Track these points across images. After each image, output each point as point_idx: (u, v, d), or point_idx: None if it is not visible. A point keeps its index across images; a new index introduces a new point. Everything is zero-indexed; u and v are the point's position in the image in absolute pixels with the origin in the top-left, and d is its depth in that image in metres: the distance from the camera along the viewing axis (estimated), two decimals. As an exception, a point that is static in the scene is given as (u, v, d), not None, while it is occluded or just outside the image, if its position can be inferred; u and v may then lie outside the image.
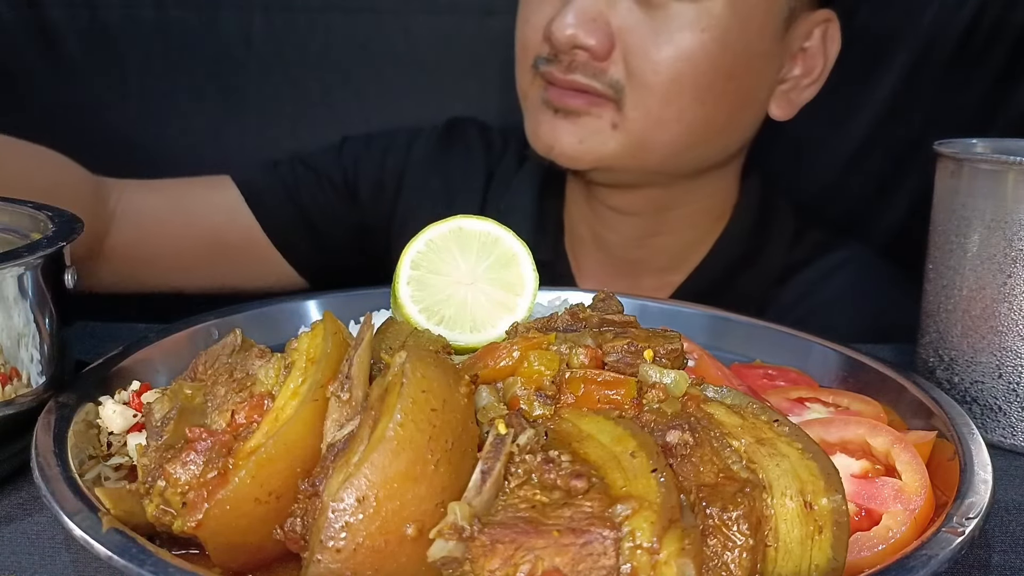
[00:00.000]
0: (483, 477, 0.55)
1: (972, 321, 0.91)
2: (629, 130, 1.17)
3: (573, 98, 1.17)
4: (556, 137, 1.20)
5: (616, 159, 1.20)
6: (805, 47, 1.24)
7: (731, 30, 1.14)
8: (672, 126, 1.17)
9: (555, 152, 1.21)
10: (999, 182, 0.88)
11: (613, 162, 1.20)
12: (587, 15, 1.13)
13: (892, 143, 1.60)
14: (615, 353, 0.69)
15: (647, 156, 1.20)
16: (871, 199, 1.64)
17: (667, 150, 1.20)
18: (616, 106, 1.16)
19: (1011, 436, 0.90)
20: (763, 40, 1.18)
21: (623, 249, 1.36)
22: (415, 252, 0.84)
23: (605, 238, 1.36)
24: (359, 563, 0.53)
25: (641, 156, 1.20)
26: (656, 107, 1.15)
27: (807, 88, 1.26)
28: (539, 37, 1.19)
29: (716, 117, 1.19)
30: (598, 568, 0.51)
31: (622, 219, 1.33)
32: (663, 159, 1.21)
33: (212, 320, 0.93)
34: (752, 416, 0.65)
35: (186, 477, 0.60)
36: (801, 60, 1.24)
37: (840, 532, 0.58)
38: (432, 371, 0.58)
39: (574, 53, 1.14)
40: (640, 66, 1.14)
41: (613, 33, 1.13)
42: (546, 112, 1.20)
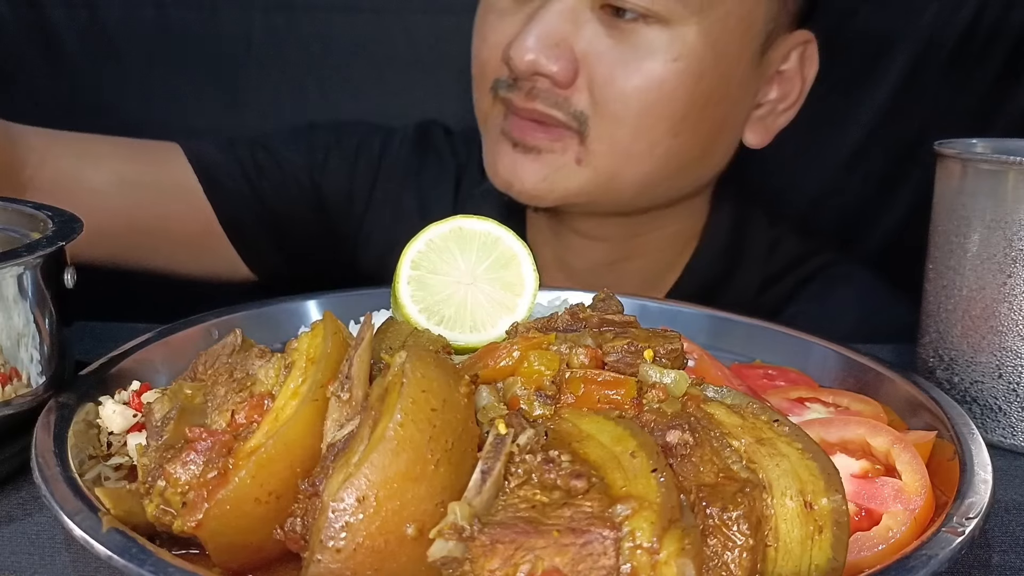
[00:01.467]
0: (483, 477, 0.55)
1: (972, 321, 0.91)
2: (595, 165, 1.09)
3: (533, 132, 1.09)
4: (515, 174, 1.12)
5: (582, 196, 1.12)
6: (782, 70, 1.17)
7: (706, 58, 1.06)
8: (643, 160, 1.10)
9: (515, 190, 1.13)
10: (999, 182, 0.88)
11: (579, 199, 1.13)
12: (550, 39, 1.04)
13: (892, 143, 1.60)
14: (615, 353, 0.69)
15: (617, 192, 1.13)
16: (871, 199, 1.65)
17: (638, 185, 1.13)
18: (580, 138, 1.08)
19: (1011, 436, 0.90)
20: (740, 66, 1.11)
21: (590, 274, 1.29)
22: (415, 252, 0.84)
23: (570, 263, 1.29)
24: (359, 563, 0.53)
25: (610, 192, 1.13)
26: (625, 140, 1.08)
27: (783, 113, 1.20)
28: (498, 57, 1.10)
29: (690, 149, 1.12)
30: (598, 568, 0.51)
31: (589, 244, 1.26)
32: (634, 194, 1.14)
33: (212, 320, 0.93)
34: (752, 416, 0.65)
35: (186, 477, 0.60)
36: (777, 83, 1.18)
37: (840, 532, 0.58)
38: (432, 371, 0.58)
39: (535, 79, 1.06)
40: (607, 96, 1.06)
41: (577, 59, 1.05)
42: (505, 144, 1.12)
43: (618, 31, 1.05)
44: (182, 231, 1.27)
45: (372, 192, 1.36)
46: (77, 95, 1.59)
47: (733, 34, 1.08)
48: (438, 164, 1.39)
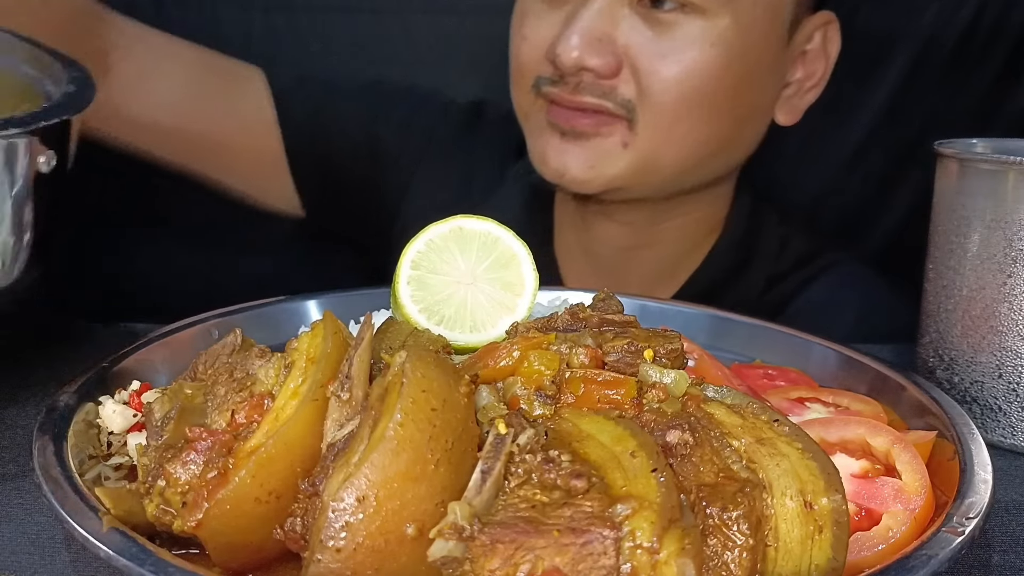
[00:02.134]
0: (483, 477, 0.55)
1: (972, 321, 0.91)
2: (639, 148, 1.14)
3: (582, 119, 1.14)
4: (566, 163, 1.16)
5: (625, 179, 1.17)
6: (806, 50, 1.22)
7: (739, 44, 1.12)
8: (683, 143, 1.15)
9: (566, 178, 1.18)
10: (999, 182, 0.88)
11: (622, 183, 1.18)
12: (592, 35, 1.09)
13: (892, 143, 1.60)
14: (615, 353, 0.69)
15: (656, 174, 1.18)
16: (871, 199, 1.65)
17: (676, 167, 1.18)
18: (628, 124, 1.13)
19: (1011, 436, 0.90)
20: (769, 50, 1.16)
21: (611, 259, 1.33)
22: (415, 252, 0.84)
23: (593, 248, 1.33)
24: (359, 563, 0.53)
25: (650, 174, 1.18)
26: (667, 125, 1.13)
27: (810, 91, 1.25)
28: (538, 56, 1.15)
29: (726, 131, 1.18)
30: (598, 568, 0.51)
31: (613, 230, 1.30)
32: (672, 176, 1.19)
33: (212, 320, 0.93)
34: (752, 416, 0.65)
35: (186, 477, 0.60)
36: (802, 63, 1.23)
37: (840, 532, 0.58)
38: (432, 371, 0.58)
39: (580, 74, 1.11)
40: (650, 84, 1.11)
41: (619, 52, 1.10)
42: (552, 135, 1.17)
43: (656, 23, 1.10)
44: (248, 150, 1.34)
45: (424, 152, 1.42)
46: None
47: (763, 20, 1.14)
48: (488, 142, 1.44)
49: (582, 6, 1.11)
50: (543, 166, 1.20)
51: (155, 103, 1.24)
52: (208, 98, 1.30)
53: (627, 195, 1.22)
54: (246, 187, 1.37)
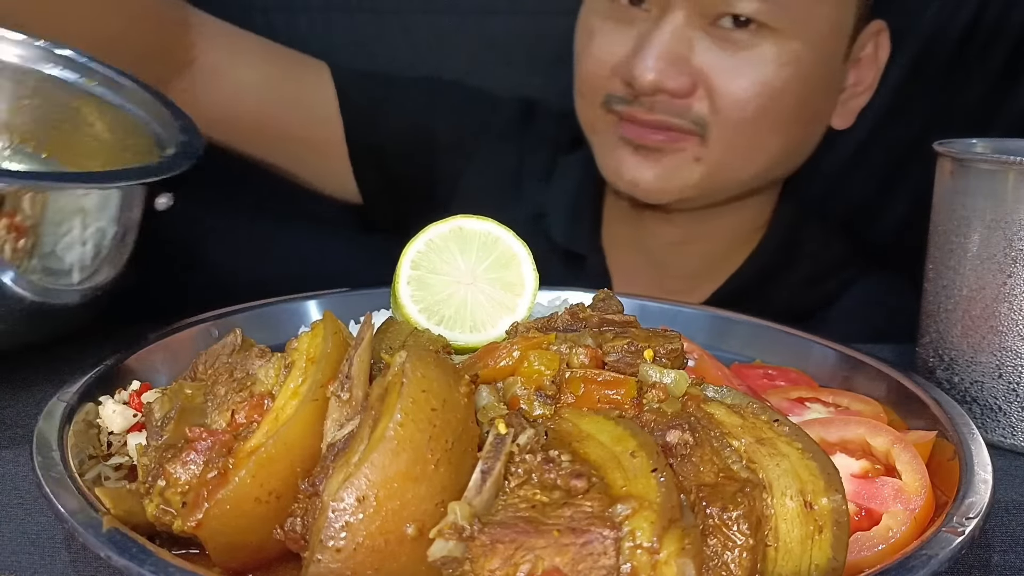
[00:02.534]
0: (483, 477, 0.55)
1: (972, 321, 0.91)
2: (711, 162, 1.19)
3: (655, 135, 1.18)
4: (639, 176, 1.20)
5: (696, 190, 1.22)
6: (860, 57, 1.26)
7: (807, 60, 1.16)
8: (754, 156, 1.20)
9: (640, 190, 1.22)
10: (999, 182, 0.88)
11: (693, 193, 1.22)
12: (668, 58, 1.12)
13: (892, 143, 1.60)
14: (615, 353, 0.69)
15: (726, 184, 1.23)
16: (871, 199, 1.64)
17: (747, 176, 1.23)
18: (700, 140, 1.17)
19: (1011, 436, 0.90)
20: (834, 63, 1.21)
21: (658, 253, 1.37)
22: (415, 252, 0.84)
23: (642, 241, 1.37)
24: (359, 563, 0.53)
25: (721, 185, 1.23)
26: (740, 140, 1.17)
27: (861, 95, 1.29)
28: (607, 74, 1.19)
29: (792, 141, 1.23)
30: (598, 568, 0.51)
31: (665, 225, 1.34)
32: (739, 184, 1.24)
33: (212, 320, 0.93)
34: (752, 416, 0.65)
35: (186, 477, 0.60)
36: (855, 70, 1.26)
37: (840, 532, 0.58)
38: (432, 371, 0.58)
39: (656, 95, 1.14)
40: (724, 103, 1.15)
41: (694, 72, 1.14)
42: (625, 149, 1.21)
43: (729, 43, 1.14)
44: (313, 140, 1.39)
45: (475, 146, 1.46)
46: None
47: (831, 37, 1.18)
48: (539, 137, 1.47)
49: (655, 28, 1.14)
50: (617, 179, 1.24)
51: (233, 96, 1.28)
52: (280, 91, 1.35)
53: (692, 204, 1.26)
54: (311, 175, 1.43)
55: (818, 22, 1.16)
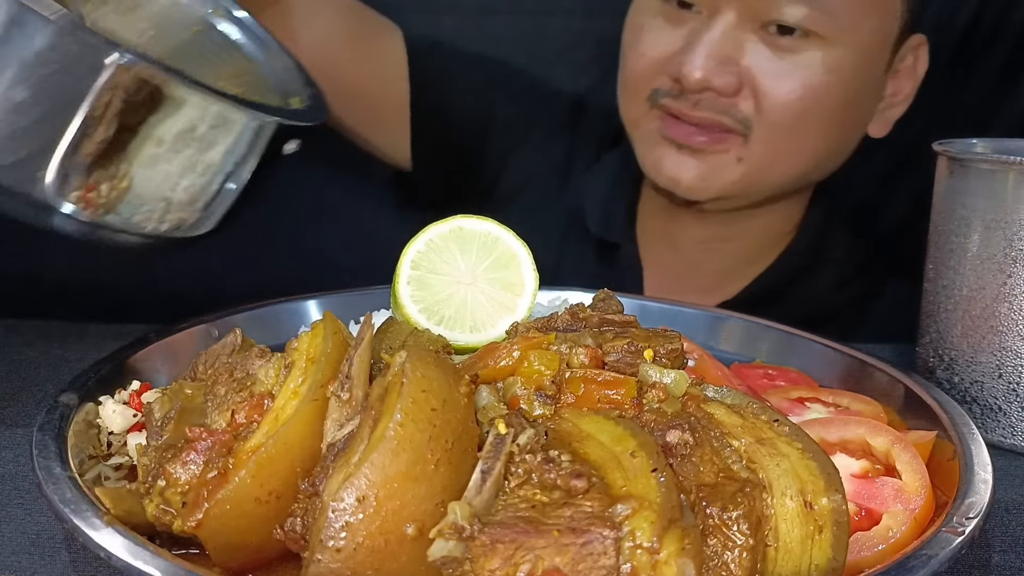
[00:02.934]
0: (483, 477, 0.55)
1: (972, 321, 0.91)
2: (752, 162, 1.21)
3: (698, 135, 1.20)
4: (680, 173, 1.23)
5: (736, 189, 1.24)
6: (899, 68, 1.28)
7: (852, 68, 1.19)
8: (795, 158, 1.23)
9: (681, 187, 1.24)
10: (999, 182, 0.88)
11: (733, 192, 1.24)
12: (717, 56, 1.15)
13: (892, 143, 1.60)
14: (615, 353, 0.69)
15: (764, 184, 1.25)
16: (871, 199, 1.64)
17: (786, 178, 1.25)
18: (743, 140, 1.20)
19: (1011, 436, 0.90)
20: (876, 73, 1.24)
21: (690, 249, 1.39)
22: (415, 252, 0.84)
23: (676, 236, 1.39)
24: (359, 563, 0.53)
25: (760, 185, 1.25)
26: (782, 141, 1.20)
27: (899, 105, 1.31)
28: (655, 70, 1.21)
29: (832, 145, 1.26)
30: (598, 568, 0.51)
31: (699, 223, 1.36)
32: (778, 185, 1.27)
33: (212, 320, 0.93)
34: (752, 416, 0.65)
35: (186, 477, 0.60)
36: (894, 80, 1.29)
37: (840, 532, 0.58)
38: (432, 371, 0.58)
39: (703, 92, 1.17)
40: (770, 104, 1.17)
41: (742, 72, 1.16)
42: (668, 147, 1.23)
43: (778, 47, 1.16)
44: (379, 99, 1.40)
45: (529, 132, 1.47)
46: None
47: (875, 45, 1.21)
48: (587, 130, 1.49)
49: (705, 27, 1.17)
50: (657, 175, 1.26)
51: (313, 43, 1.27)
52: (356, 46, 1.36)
53: (728, 204, 1.28)
54: (369, 133, 1.43)
55: (865, 31, 1.18)
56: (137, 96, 0.73)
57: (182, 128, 0.77)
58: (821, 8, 1.14)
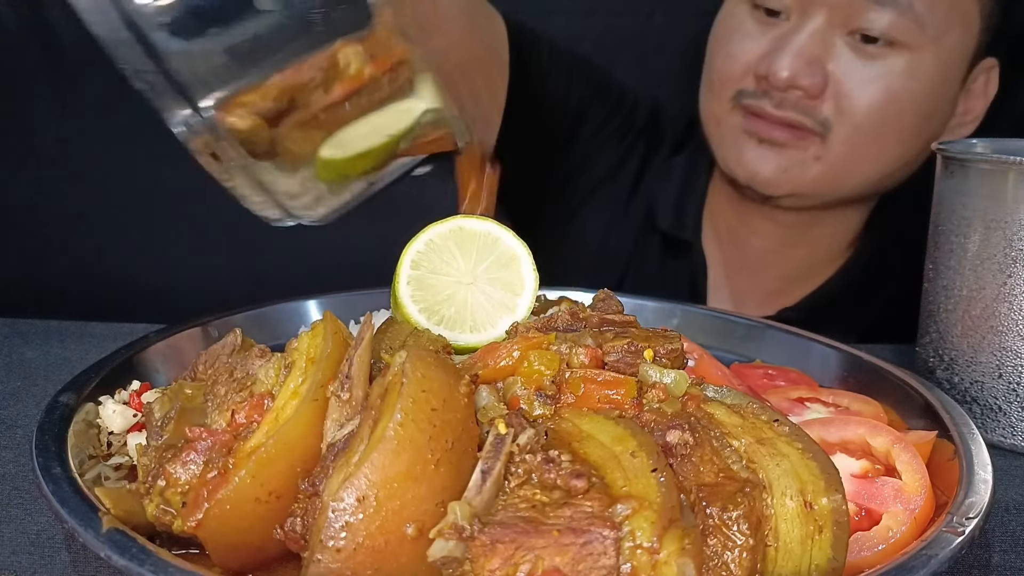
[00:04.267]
0: (483, 477, 0.55)
1: (972, 321, 0.91)
2: (830, 162, 1.24)
3: (782, 131, 1.24)
4: (759, 166, 1.27)
5: (813, 187, 1.27)
6: (971, 88, 1.31)
7: (935, 79, 1.22)
8: (873, 161, 1.26)
9: (758, 180, 1.28)
10: (999, 182, 0.88)
11: (809, 190, 1.27)
12: (804, 58, 1.19)
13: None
14: (615, 353, 0.69)
15: (840, 186, 1.28)
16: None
17: (862, 181, 1.29)
18: (821, 139, 1.23)
19: (1011, 436, 0.90)
20: (953, 87, 1.27)
21: (759, 252, 1.42)
22: (415, 252, 0.84)
23: (745, 239, 1.42)
24: (359, 563, 0.53)
25: (836, 186, 1.28)
26: (861, 144, 1.24)
27: (968, 124, 1.34)
28: (740, 71, 1.26)
29: (908, 154, 1.28)
30: (598, 568, 0.51)
31: (769, 228, 1.39)
32: (853, 189, 1.30)
33: (212, 320, 0.93)
34: (752, 416, 0.65)
35: (186, 477, 0.60)
36: (965, 100, 1.32)
37: (840, 532, 0.58)
38: (432, 371, 0.58)
39: (788, 91, 1.21)
40: (852, 107, 1.21)
41: (827, 74, 1.20)
42: (749, 141, 1.27)
43: (863, 53, 1.20)
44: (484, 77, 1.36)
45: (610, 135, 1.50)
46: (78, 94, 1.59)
47: (955, 60, 1.25)
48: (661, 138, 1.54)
49: (794, 31, 1.21)
50: (736, 167, 1.30)
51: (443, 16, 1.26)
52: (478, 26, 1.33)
53: (806, 202, 1.31)
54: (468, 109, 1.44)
55: (947, 44, 1.22)
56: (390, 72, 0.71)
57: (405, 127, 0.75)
58: (908, 17, 1.17)
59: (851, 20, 1.19)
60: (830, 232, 1.41)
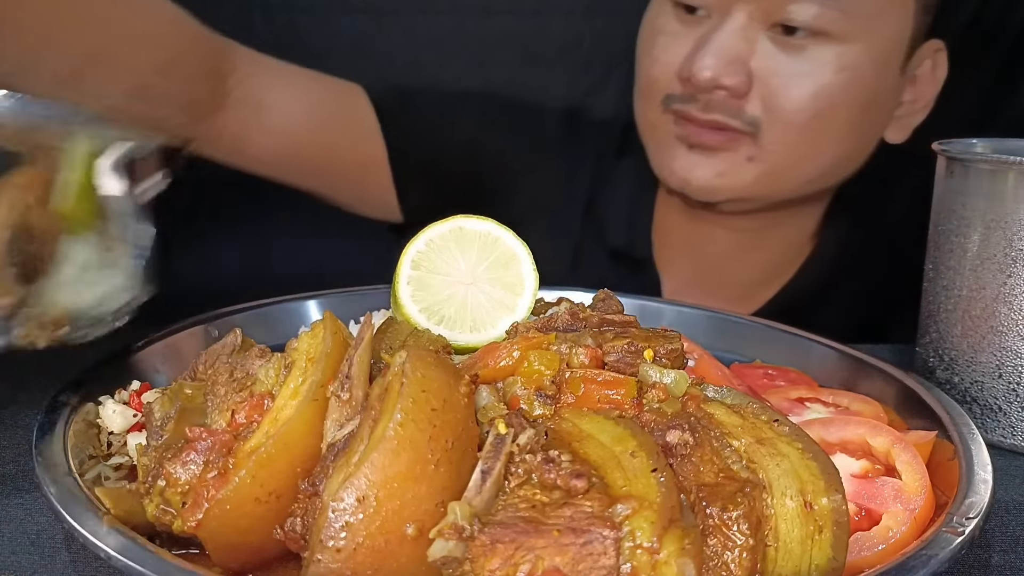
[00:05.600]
0: (483, 477, 0.55)
1: (972, 321, 0.91)
2: (766, 163, 1.20)
3: (711, 135, 1.20)
4: (692, 173, 1.22)
5: (750, 191, 1.23)
6: (917, 74, 1.27)
7: (866, 69, 1.17)
8: (809, 160, 1.22)
9: (692, 187, 1.23)
10: (999, 182, 0.88)
11: (747, 194, 1.24)
12: (726, 56, 1.15)
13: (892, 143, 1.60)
14: (615, 353, 0.69)
15: (779, 187, 1.24)
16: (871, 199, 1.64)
17: (803, 179, 1.24)
18: (753, 140, 1.19)
19: (1011, 436, 0.90)
20: (891, 75, 1.22)
21: (716, 260, 1.38)
22: (415, 252, 0.84)
23: (700, 248, 1.38)
24: (359, 563, 0.53)
25: (773, 187, 1.24)
26: (794, 143, 1.19)
27: (919, 112, 1.30)
28: (669, 75, 1.21)
29: (846, 149, 1.24)
30: (598, 568, 0.51)
31: (723, 234, 1.35)
32: (793, 189, 1.25)
33: (212, 320, 0.93)
34: (752, 416, 0.65)
35: (186, 477, 0.60)
36: (913, 86, 1.28)
37: (840, 532, 0.58)
38: (432, 371, 0.58)
39: (713, 93, 1.17)
40: (780, 105, 1.17)
41: (751, 72, 1.16)
42: (680, 147, 1.23)
43: (788, 47, 1.16)
44: (352, 164, 1.37)
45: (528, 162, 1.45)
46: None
47: (888, 47, 1.20)
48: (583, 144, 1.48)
49: (716, 28, 1.16)
50: (669, 175, 1.25)
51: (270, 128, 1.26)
52: (321, 118, 1.33)
53: (747, 206, 1.28)
54: (353, 199, 1.41)
55: (879, 31, 1.17)
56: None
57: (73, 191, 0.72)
58: (833, 6, 1.13)
59: (773, 14, 1.14)
60: (788, 232, 1.37)
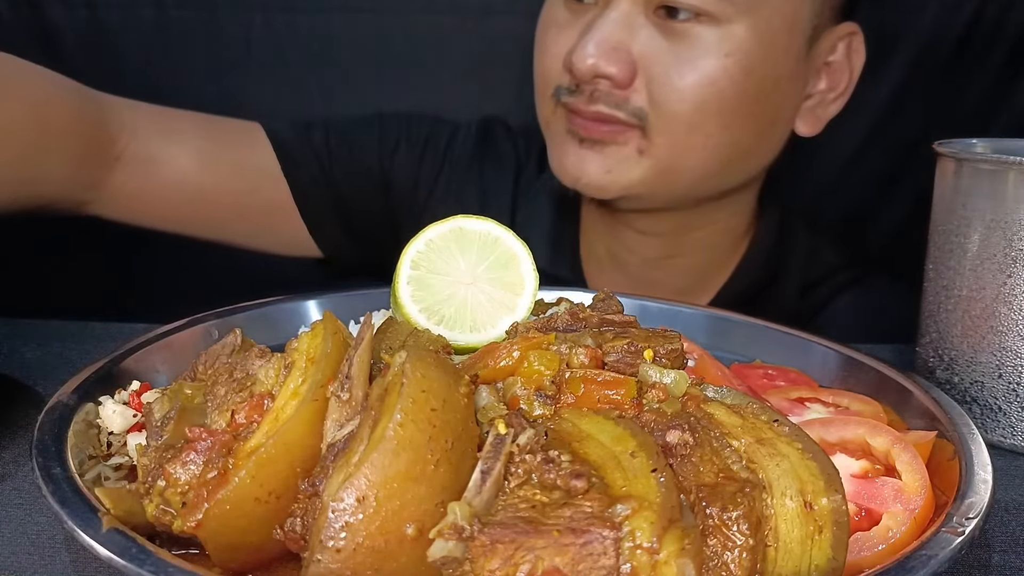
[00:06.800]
0: (483, 477, 0.55)
1: (972, 321, 0.91)
2: (656, 156, 1.15)
3: (598, 127, 1.15)
4: (582, 168, 1.18)
5: (643, 186, 1.18)
6: (829, 61, 1.22)
7: (754, 53, 1.12)
8: (699, 152, 1.16)
9: (582, 183, 1.19)
10: (999, 182, 0.88)
11: (640, 189, 1.19)
12: (608, 44, 1.10)
13: (892, 143, 1.60)
14: (615, 353, 0.69)
15: (674, 182, 1.19)
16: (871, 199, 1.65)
17: (694, 175, 1.19)
18: (641, 132, 1.15)
19: (1011, 436, 0.90)
20: (787, 60, 1.16)
21: (642, 269, 1.34)
22: (415, 252, 0.84)
23: (623, 258, 1.34)
24: (359, 563, 0.53)
25: (668, 182, 1.19)
26: (682, 134, 1.14)
27: (833, 102, 1.25)
28: (559, 67, 1.17)
29: (743, 140, 1.18)
30: (598, 568, 0.51)
31: (642, 240, 1.31)
32: (690, 184, 1.20)
33: (212, 320, 0.93)
34: (752, 416, 0.65)
35: (186, 477, 0.60)
36: (826, 75, 1.23)
37: (840, 532, 0.58)
38: (432, 371, 0.58)
39: (596, 83, 1.12)
40: (664, 94, 1.12)
41: (635, 61, 1.11)
42: (571, 142, 1.19)
43: (671, 32, 1.11)
44: (258, 207, 1.34)
45: (437, 181, 1.43)
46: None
47: (780, 29, 1.14)
48: (499, 159, 1.45)
49: (600, 15, 1.12)
50: (561, 171, 1.21)
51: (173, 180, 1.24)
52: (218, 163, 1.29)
53: (647, 203, 1.23)
54: (267, 243, 1.38)
55: (766, 13, 1.12)
56: None
57: None
58: None
59: None
60: (711, 234, 1.32)
